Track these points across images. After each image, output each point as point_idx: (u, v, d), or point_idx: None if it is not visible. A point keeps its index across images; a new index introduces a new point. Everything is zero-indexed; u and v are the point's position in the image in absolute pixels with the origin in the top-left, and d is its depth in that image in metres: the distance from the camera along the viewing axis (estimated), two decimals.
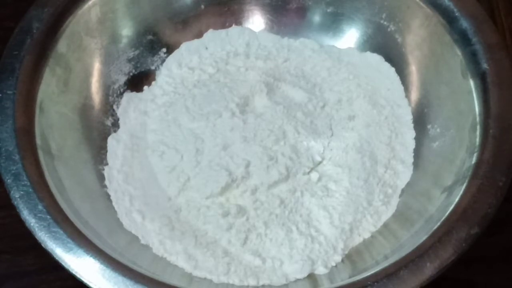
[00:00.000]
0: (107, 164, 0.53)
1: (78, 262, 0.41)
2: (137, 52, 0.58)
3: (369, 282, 0.41)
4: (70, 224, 0.43)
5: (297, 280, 0.47)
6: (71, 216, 0.44)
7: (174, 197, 0.50)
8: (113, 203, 0.51)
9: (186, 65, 0.59)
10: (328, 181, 0.52)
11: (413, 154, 0.53)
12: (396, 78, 0.57)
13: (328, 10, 0.59)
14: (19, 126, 0.46)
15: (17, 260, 0.53)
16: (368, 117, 0.55)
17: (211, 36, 0.60)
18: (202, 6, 0.60)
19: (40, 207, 0.43)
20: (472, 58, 0.50)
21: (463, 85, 0.50)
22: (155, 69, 0.59)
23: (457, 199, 0.44)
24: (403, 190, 0.52)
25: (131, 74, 0.58)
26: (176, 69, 0.58)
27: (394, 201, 0.51)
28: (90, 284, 0.41)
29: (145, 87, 0.58)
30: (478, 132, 0.47)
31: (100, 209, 0.49)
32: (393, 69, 0.57)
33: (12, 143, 0.45)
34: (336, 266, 0.48)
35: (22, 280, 0.52)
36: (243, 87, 0.55)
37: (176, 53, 0.59)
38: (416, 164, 0.52)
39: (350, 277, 0.45)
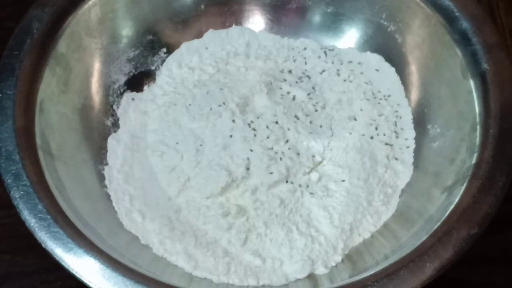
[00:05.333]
0: (107, 164, 0.53)
1: (78, 262, 0.41)
2: (137, 52, 0.58)
3: (369, 282, 0.41)
4: (70, 224, 0.43)
5: (297, 280, 0.47)
6: (71, 216, 0.44)
7: (174, 197, 0.50)
8: (113, 203, 0.51)
9: (186, 65, 0.59)
10: (328, 181, 0.52)
11: (413, 154, 0.53)
12: (396, 78, 0.57)
13: (328, 10, 0.59)
14: (19, 126, 0.46)
15: (17, 260, 0.53)
16: (368, 117, 0.55)
17: (211, 36, 0.60)
18: (202, 6, 0.60)
19: (40, 207, 0.43)
20: (472, 58, 0.50)
21: (463, 85, 0.50)
22: (155, 69, 0.59)
23: (457, 199, 0.44)
24: (403, 190, 0.52)
25: (131, 74, 0.58)
26: (176, 69, 0.58)
27: (394, 201, 0.51)
28: (90, 284, 0.41)
29: (145, 87, 0.58)
30: (478, 132, 0.47)
31: (100, 209, 0.49)
32: (393, 69, 0.57)
33: (12, 143, 0.45)
34: (336, 266, 0.48)
35: (22, 280, 0.52)
36: (243, 87, 0.55)
37: (176, 53, 0.59)
38: (416, 164, 0.52)
39: (350, 277, 0.45)
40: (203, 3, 0.60)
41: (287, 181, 0.51)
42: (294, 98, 0.56)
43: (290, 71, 0.58)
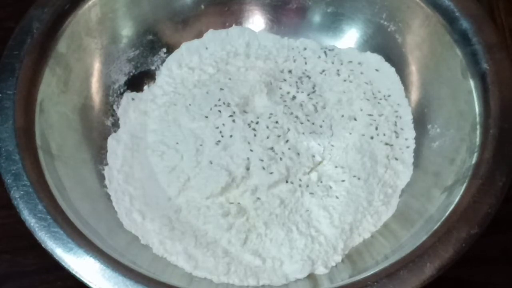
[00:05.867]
0: (107, 164, 0.53)
1: (78, 262, 0.41)
2: (137, 52, 0.58)
3: (369, 282, 0.41)
4: (70, 224, 0.43)
5: (297, 280, 0.47)
6: (71, 216, 0.44)
7: (174, 197, 0.50)
8: (113, 203, 0.51)
9: (186, 65, 0.59)
10: (328, 181, 0.52)
11: (413, 154, 0.53)
12: (396, 78, 0.57)
13: (328, 10, 0.59)
14: (19, 126, 0.46)
15: (17, 260, 0.53)
16: (368, 117, 0.55)
17: (211, 36, 0.60)
18: (202, 6, 0.60)
19: (40, 207, 0.43)
20: (472, 58, 0.50)
21: (463, 85, 0.50)
22: (155, 69, 0.59)
23: (457, 199, 0.44)
24: (403, 190, 0.52)
25: (131, 74, 0.58)
26: (176, 69, 0.58)
27: (394, 201, 0.51)
28: (90, 284, 0.41)
29: (145, 87, 0.58)
30: (478, 132, 0.47)
31: (100, 209, 0.49)
32: (393, 69, 0.57)
33: (12, 143, 0.45)
34: (336, 266, 0.48)
35: (22, 280, 0.52)
36: (243, 87, 0.55)
37: (176, 53, 0.59)
38: (416, 164, 0.52)
39: (350, 277, 0.45)
40: (203, 3, 0.60)
41: (287, 181, 0.51)
42: (294, 98, 0.56)
43: (290, 71, 0.58)
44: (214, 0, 0.60)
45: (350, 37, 0.59)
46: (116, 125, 0.56)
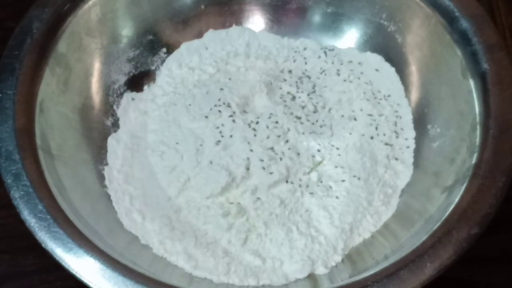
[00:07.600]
0: (107, 164, 0.53)
1: (78, 262, 0.41)
2: (137, 52, 0.58)
3: (369, 282, 0.41)
4: (70, 224, 0.43)
5: (297, 280, 0.47)
6: (71, 216, 0.44)
7: (174, 197, 0.50)
8: (113, 203, 0.51)
9: (186, 65, 0.59)
10: (328, 181, 0.52)
11: (413, 154, 0.53)
12: (396, 78, 0.57)
13: (328, 10, 0.59)
14: (19, 126, 0.46)
15: (17, 260, 0.53)
16: (368, 117, 0.55)
17: (211, 36, 0.60)
18: (202, 6, 0.60)
19: (40, 207, 0.43)
20: (472, 58, 0.50)
21: (463, 85, 0.50)
22: (155, 69, 0.59)
23: (457, 199, 0.44)
24: (403, 190, 0.52)
25: (131, 74, 0.58)
26: (176, 69, 0.58)
27: (394, 201, 0.51)
28: (90, 284, 0.41)
29: (145, 87, 0.58)
30: (478, 132, 0.47)
31: (100, 209, 0.49)
32: (393, 69, 0.57)
33: (12, 143, 0.45)
34: (336, 266, 0.48)
35: (22, 280, 0.52)
36: (243, 87, 0.55)
37: (176, 53, 0.59)
38: (416, 164, 0.52)
39: (350, 277, 0.45)
40: (203, 3, 0.60)
41: (287, 181, 0.51)
42: (294, 98, 0.56)
43: (290, 71, 0.58)
44: (214, 0, 0.60)
45: (350, 37, 0.59)
46: (116, 125, 0.56)
